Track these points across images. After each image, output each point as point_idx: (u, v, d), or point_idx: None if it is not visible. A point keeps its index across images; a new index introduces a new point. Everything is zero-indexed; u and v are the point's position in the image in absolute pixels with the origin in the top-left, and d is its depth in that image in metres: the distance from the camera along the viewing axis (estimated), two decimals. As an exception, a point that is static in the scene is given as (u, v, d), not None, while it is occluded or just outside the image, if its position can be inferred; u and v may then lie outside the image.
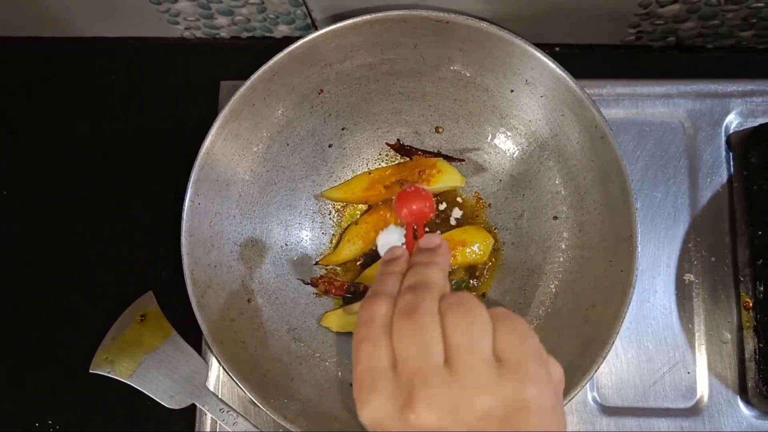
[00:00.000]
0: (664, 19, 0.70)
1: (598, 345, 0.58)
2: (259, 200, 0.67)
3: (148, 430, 0.71)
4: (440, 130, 0.70)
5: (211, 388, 0.68)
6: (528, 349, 0.40)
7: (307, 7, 0.71)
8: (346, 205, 0.71)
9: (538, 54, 0.61)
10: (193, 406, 0.68)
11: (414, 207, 0.51)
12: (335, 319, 0.67)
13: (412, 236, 0.50)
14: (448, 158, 0.69)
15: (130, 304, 0.72)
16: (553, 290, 0.65)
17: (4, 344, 0.74)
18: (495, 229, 0.69)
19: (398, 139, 0.70)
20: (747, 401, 0.66)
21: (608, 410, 0.66)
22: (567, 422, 0.66)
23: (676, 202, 0.70)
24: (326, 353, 0.66)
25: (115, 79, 0.79)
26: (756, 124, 0.70)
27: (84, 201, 0.76)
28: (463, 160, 0.70)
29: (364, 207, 0.71)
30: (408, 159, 0.70)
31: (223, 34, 0.79)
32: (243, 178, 0.66)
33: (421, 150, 0.70)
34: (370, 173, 0.70)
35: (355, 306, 0.67)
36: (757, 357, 0.65)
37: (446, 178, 0.68)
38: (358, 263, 0.70)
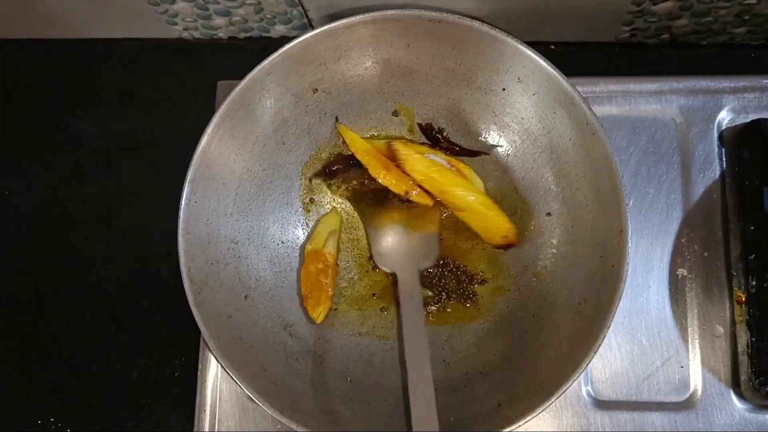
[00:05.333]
0: (657, 17, 0.71)
1: (589, 339, 0.58)
2: (256, 198, 0.68)
3: (148, 427, 0.72)
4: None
5: (209, 385, 0.69)
6: None
7: (303, 7, 0.72)
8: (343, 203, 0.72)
9: (530, 52, 0.62)
10: (193, 404, 0.69)
11: None
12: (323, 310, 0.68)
13: None
14: (471, 153, 0.70)
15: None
16: (546, 286, 0.66)
17: (6, 343, 0.74)
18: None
19: (430, 123, 0.70)
20: (740, 395, 0.66)
21: (602, 404, 0.67)
22: (561, 416, 0.67)
23: (668, 197, 0.70)
24: (322, 349, 0.67)
25: (114, 80, 0.80)
26: (748, 120, 0.70)
27: (84, 201, 0.77)
28: (488, 154, 0.70)
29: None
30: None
31: (221, 34, 0.80)
32: (239, 177, 0.66)
33: (445, 139, 0.70)
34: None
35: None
36: (750, 351, 0.65)
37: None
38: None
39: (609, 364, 0.68)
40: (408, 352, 0.61)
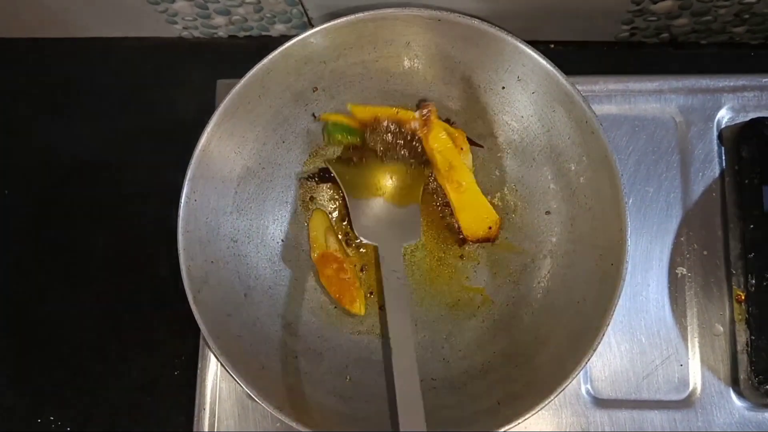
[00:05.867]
0: (657, 16, 0.71)
1: (589, 337, 0.58)
2: (255, 197, 0.68)
3: (148, 426, 0.72)
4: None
5: (209, 383, 0.69)
6: None
7: (303, 6, 0.72)
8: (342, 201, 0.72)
9: (530, 51, 0.62)
10: (192, 403, 0.69)
11: None
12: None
13: None
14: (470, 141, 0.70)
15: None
16: (545, 284, 0.66)
17: (6, 342, 0.74)
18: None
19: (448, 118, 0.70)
20: (739, 393, 0.66)
21: (601, 402, 0.67)
22: (560, 415, 0.67)
23: (668, 196, 0.70)
24: (322, 347, 0.67)
25: (114, 79, 0.80)
26: (747, 118, 0.70)
27: (83, 200, 0.77)
28: (482, 146, 0.70)
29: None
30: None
31: (221, 33, 0.80)
32: (239, 175, 0.66)
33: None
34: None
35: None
36: (749, 349, 0.65)
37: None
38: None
39: (608, 362, 0.68)
40: (392, 333, 0.60)
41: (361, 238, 0.67)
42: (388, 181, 0.69)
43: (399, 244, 0.66)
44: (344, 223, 0.71)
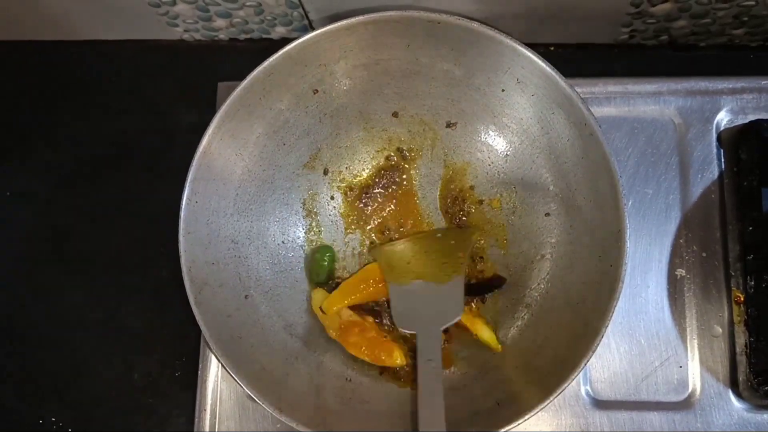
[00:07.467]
0: (656, 18, 0.71)
1: (588, 339, 0.58)
2: (256, 198, 0.68)
3: (149, 427, 0.72)
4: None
5: (210, 384, 0.69)
6: None
7: (303, 9, 0.72)
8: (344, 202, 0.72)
9: (529, 53, 0.62)
10: (193, 404, 0.69)
11: None
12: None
13: None
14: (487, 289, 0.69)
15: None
16: (544, 286, 0.66)
17: (6, 343, 0.75)
18: (488, 225, 0.70)
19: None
20: (738, 394, 0.66)
21: (601, 404, 0.67)
22: (559, 416, 0.67)
23: (667, 198, 0.70)
24: (322, 348, 0.67)
25: (116, 81, 0.80)
26: (746, 120, 0.71)
27: (85, 202, 0.77)
28: (503, 283, 0.69)
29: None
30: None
31: (222, 36, 0.80)
32: (240, 177, 0.66)
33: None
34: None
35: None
36: (748, 351, 0.65)
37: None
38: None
39: (608, 363, 0.68)
40: (422, 419, 0.58)
41: (400, 328, 0.66)
42: (425, 259, 0.68)
43: (438, 330, 0.64)
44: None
